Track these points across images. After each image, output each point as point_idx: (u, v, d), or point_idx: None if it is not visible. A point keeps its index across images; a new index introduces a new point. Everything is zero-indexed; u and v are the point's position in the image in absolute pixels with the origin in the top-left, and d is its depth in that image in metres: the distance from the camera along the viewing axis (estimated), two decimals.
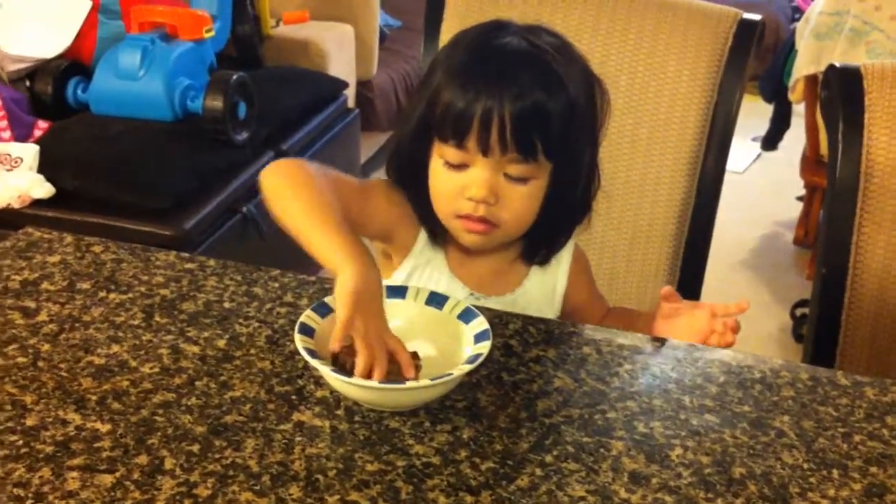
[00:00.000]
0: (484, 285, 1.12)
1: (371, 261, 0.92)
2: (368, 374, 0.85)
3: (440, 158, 1.03)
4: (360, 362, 0.85)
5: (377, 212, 1.09)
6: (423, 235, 1.12)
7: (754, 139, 3.84)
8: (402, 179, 1.10)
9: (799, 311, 2.84)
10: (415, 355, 0.93)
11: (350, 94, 3.18)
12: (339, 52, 3.18)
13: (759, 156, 4.03)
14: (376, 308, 0.90)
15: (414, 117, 1.05)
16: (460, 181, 1.02)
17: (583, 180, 1.07)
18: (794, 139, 3.39)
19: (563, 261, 1.16)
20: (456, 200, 1.03)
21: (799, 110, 3.16)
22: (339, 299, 0.87)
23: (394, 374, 0.90)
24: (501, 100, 0.97)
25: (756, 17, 1.42)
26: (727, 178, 1.44)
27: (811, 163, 3.06)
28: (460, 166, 1.02)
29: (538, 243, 1.12)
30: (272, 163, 1.05)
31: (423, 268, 1.12)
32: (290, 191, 0.99)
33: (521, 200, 1.03)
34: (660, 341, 1.04)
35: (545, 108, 0.98)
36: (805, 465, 0.85)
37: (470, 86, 0.98)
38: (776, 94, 3.28)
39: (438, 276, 1.12)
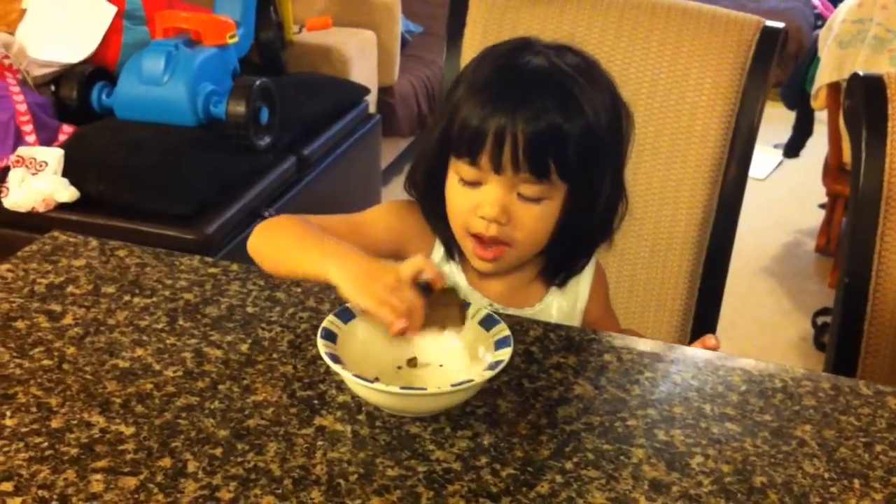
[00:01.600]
0: (504, 298, 1.12)
1: (350, 246, 0.96)
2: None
3: (455, 174, 1.03)
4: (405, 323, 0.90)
5: (379, 238, 1.09)
6: (438, 248, 1.12)
7: (776, 146, 3.83)
8: (419, 192, 1.11)
9: (820, 320, 2.83)
10: (461, 304, 0.96)
11: (371, 99, 3.19)
12: (361, 59, 3.20)
13: (780, 163, 4.02)
14: (379, 273, 0.92)
15: (435, 130, 1.06)
16: (474, 199, 1.02)
17: (602, 203, 1.05)
18: (817, 146, 3.38)
19: (584, 276, 1.15)
20: (469, 217, 1.03)
21: (821, 117, 3.15)
22: (349, 294, 0.91)
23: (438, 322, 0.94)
24: (515, 119, 0.96)
25: (779, 25, 1.42)
26: (749, 184, 1.44)
27: (834, 170, 3.05)
28: (474, 183, 1.01)
29: (557, 265, 1.11)
30: (255, 227, 1.07)
31: None
32: (270, 238, 1.04)
33: (533, 221, 1.02)
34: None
35: (561, 129, 0.97)
36: (826, 475, 0.85)
37: (487, 103, 0.98)
38: (798, 102, 3.27)
39: (459, 288, 1.11)
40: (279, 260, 1.03)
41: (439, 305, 0.95)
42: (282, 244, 1.03)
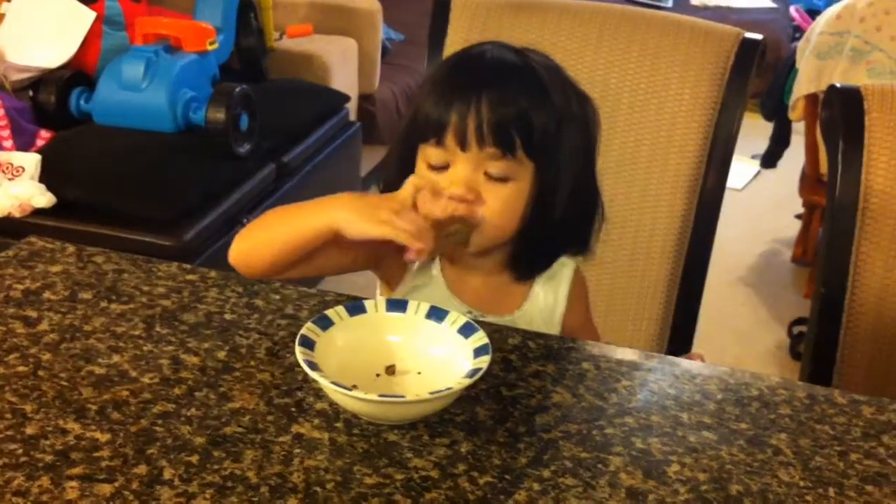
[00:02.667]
0: (483, 304, 1.12)
1: (338, 194, 0.99)
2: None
3: (423, 163, 1.04)
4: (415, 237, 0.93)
5: (356, 247, 1.08)
6: None
7: (754, 157, 3.86)
8: (390, 191, 1.10)
9: (796, 329, 2.84)
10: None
11: (352, 107, 3.19)
12: (342, 66, 3.20)
13: (758, 173, 4.04)
14: (381, 201, 0.97)
15: (404, 128, 1.07)
16: (442, 182, 1.02)
17: (569, 194, 1.06)
18: (794, 157, 3.40)
19: (563, 283, 1.15)
20: (434, 202, 1.02)
21: (799, 128, 3.17)
22: (361, 228, 0.95)
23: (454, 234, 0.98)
24: (479, 95, 0.98)
25: (758, 36, 1.43)
26: (727, 194, 1.45)
27: (811, 181, 3.07)
28: (442, 168, 1.02)
29: (525, 258, 1.11)
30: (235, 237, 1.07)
31: (422, 288, 1.12)
32: (256, 230, 1.05)
33: (500, 201, 1.02)
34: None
35: (525, 106, 0.99)
36: (801, 483, 0.85)
37: (450, 89, 1.00)
38: (776, 113, 3.29)
39: (438, 294, 1.11)
40: (270, 242, 1.02)
41: (443, 229, 0.97)
42: (270, 226, 1.04)
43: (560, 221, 1.07)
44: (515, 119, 0.99)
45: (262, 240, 1.04)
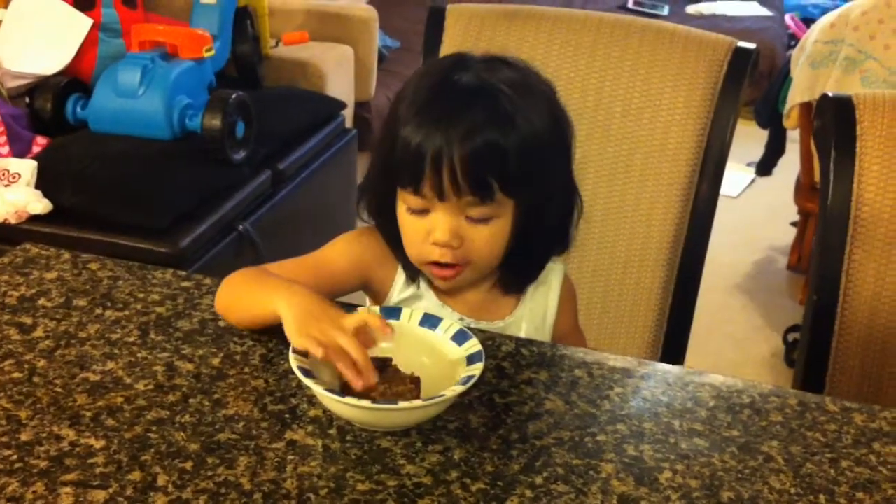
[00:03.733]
0: (474, 311, 1.12)
1: (300, 286, 0.98)
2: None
3: (403, 203, 1.02)
4: (343, 370, 0.89)
5: (342, 272, 1.10)
6: (401, 272, 1.12)
7: (749, 164, 3.87)
8: (374, 219, 1.10)
9: (791, 336, 2.85)
10: (415, 379, 0.94)
11: (348, 114, 3.20)
12: (338, 73, 3.20)
13: (753, 181, 4.05)
14: (321, 315, 0.93)
15: (379, 157, 1.05)
16: (424, 226, 1.01)
17: (554, 211, 1.06)
18: (789, 165, 3.41)
19: (553, 289, 1.16)
20: (423, 245, 1.02)
21: (794, 136, 3.18)
22: (288, 332, 0.93)
23: (387, 395, 0.91)
24: (451, 141, 0.95)
25: (751, 45, 1.44)
26: (722, 202, 1.45)
27: (806, 189, 3.08)
28: (422, 211, 1.01)
29: (517, 275, 1.11)
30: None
31: (412, 301, 1.12)
32: (228, 291, 1.05)
33: (485, 241, 1.01)
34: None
35: (497, 145, 0.96)
36: (792, 490, 0.86)
37: (423, 128, 0.96)
38: (771, 121, 3.30)
39: (428, 305, 1.11)
40: (238, 309, 1.04)
41: (395, 381, 0.94)
42: (238, 293, 1.04)
43: (546, 234, 1.08)
44: (489, 164, 0.96)
45: (233, 306, 1.05)
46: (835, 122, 1.29)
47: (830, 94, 1.31)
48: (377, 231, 1.11)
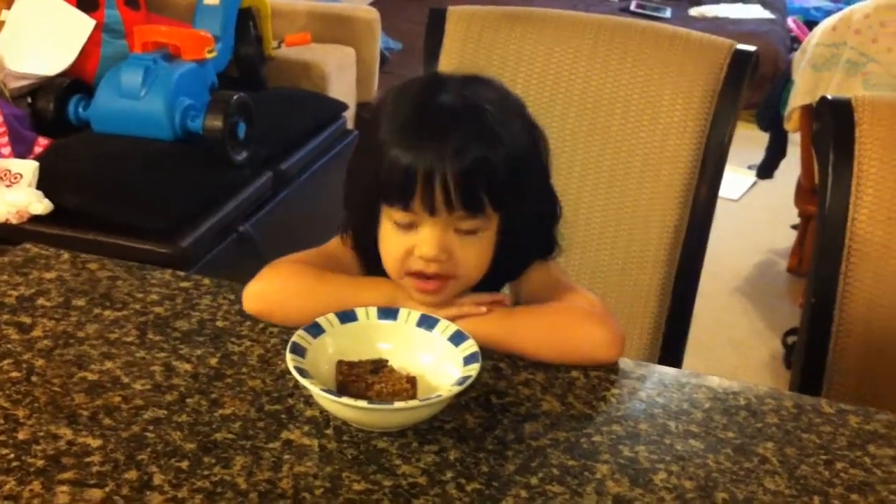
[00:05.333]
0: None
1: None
2: None
3: (389, 221, 1.02)
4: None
5: (351, 264, 1.11)
6: None
7: (750, 167, 3.87)
8: (355, 244, 1.10)
9: (790, 340, 2.85)
10: (411, 379, 0.95)
11: (350, 115, 3.20)
12: (340, 75, 3.21)
13: (754, 184, 4.05)
14: None
15: (361, 178, 1.05)
16: (410, 241, 1.01)
17: (536, 219, 1.07)
18: (790, 168, 3.41)
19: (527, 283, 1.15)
20: (407, 260, 1.02)
21: (795, 139, 3.18)
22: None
23: (383, 395, 0.92)
24: (443, 159, 0.95)
25: (750, 48, 1.44)
26: (723, 205, 1.46)
27: (806, 192, 3.08)
28: (409, 226, 1.01)
29: (491, 278, 1.09)
30: (248, 291, 1.08)
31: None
32: (281, 292, 1.07)
33: (473, 253, 1.02)
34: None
35: (487, 161, 0.97)
36: (787, 492, 0.86)
37: (412, 147, 0.97)
38: (773, 124, 3.30)
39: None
40: (299, 307, 1.03)
41: (391, 382, 0.95)
42: (300, 290, 1.06)
43: (526, 244, 1.08)
44: (480, 179, 0.97)
45: (290, 303, 1.05)
46: (834, 125, 1.29)
47: (829, 97, 1.32)
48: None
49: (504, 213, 1.02)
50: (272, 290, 1.07)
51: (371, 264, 1.08)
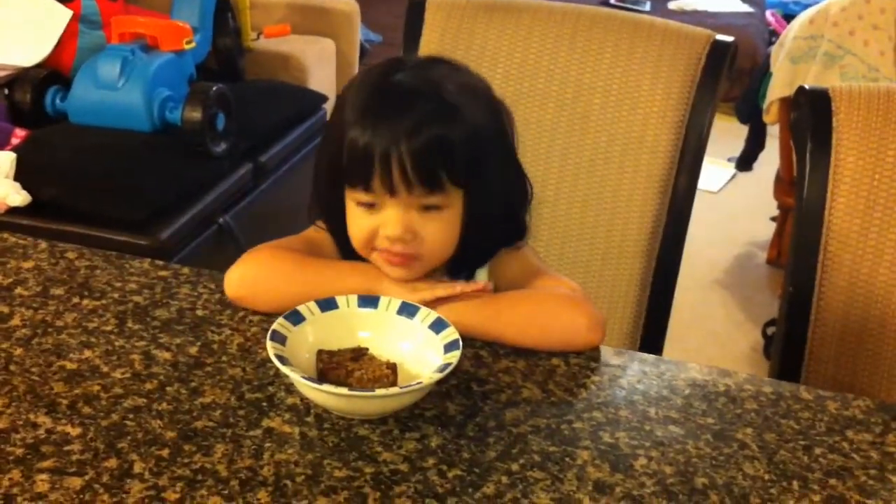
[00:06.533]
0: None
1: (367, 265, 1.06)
2: None
3: (353, 202, 1.03)
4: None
5: (332, 251, 1.11)
6: None
7: (730, 159, 3.89)
8: (325, 222, 1.11)
9: (770, 330, 2.87)
10: (392, 366, 0.95)
11: (329, 107, 3.19)
12: (320, 67, 3.20)
13: (734, 176, 4.07)
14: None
15: (324, 159, 1.06)
16: (375, 221, 1.01)
17: (502, 197, 1.07)
18: (769, 160, 3.43)
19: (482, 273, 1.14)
20: (373, 240, 1.03)
21: (774, 131, 3.20)
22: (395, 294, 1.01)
23: (363, 382, 0.92)
24: (398, 138, 0.96)
25: (728, 38, 1.44)
26: (703, 197, 1.47)
27: (785, 184, 3.10)
28: (372, 206, 1.01)
29: (462, 261, 1.10)
30: (230, 276, 1.07)
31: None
32: (264, 278, 1.07)
33: (437, 231, 1.02)
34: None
35: (443, 138, 0.98)
36: (766, 477, 0.86)
37: (369, 127, 0.98)
38: (752, 116, 3.32)
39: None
40: (280, 292, 1.04)
41: (371, 369, 0.95)
42: (281, 275, 1.06)
43: (494, 224, 1.08)
44: (437, 156, 0.98)
45: (270, 288, 1.06)
46: (811, 115, 1.30)
47: (807, 87, 1.32)
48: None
49: (468, 191, 1.02)
50: (253, 275, 1.07)
51: (345, 247, 1.09)
